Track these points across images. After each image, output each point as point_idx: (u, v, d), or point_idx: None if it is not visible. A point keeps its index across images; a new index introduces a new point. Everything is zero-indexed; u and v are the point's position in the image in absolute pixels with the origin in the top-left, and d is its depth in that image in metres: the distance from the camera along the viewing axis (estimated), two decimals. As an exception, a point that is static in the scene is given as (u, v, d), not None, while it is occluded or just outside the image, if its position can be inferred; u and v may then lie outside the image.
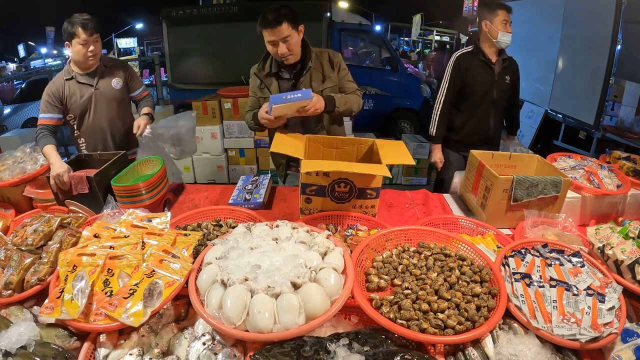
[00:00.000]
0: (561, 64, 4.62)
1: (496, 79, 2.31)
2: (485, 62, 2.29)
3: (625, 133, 3.76)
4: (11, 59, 16.55)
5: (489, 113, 2.36)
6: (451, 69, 2.33)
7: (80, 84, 2.11)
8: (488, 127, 2.39)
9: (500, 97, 2.34)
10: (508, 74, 2.34)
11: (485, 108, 2.35)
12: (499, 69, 2.31)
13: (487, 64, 2.29)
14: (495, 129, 2.41)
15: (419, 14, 12.70)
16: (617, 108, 3.99)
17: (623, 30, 3.60)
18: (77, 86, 2.11)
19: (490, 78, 2.30)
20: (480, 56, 2.29)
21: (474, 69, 2.29)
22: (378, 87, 6.14)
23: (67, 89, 2.09)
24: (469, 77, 2.30)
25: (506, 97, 2.38)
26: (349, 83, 1.98)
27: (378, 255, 1.25)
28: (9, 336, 0.97)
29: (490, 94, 2.32)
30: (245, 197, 1.79)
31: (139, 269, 1.10)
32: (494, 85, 2.31)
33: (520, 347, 0.96)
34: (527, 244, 1.30)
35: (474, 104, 2.35)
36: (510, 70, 2.36)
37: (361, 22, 6.27)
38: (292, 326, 0.93)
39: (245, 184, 1.92)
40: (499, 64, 2.31)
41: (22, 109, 7.67)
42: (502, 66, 2.31)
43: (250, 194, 1.82)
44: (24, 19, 17.43)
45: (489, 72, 2.30)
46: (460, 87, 2.33)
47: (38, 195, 1.78)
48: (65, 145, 5.97)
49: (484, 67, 2.30)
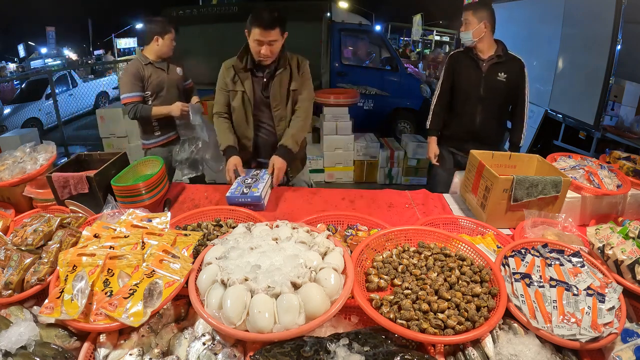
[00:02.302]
0: (561, 64, 4.62)
1: (484, 76, 2.31)
2: (474, 59, 2.33)
3: (625, 133, 3.76)
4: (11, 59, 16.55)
5: (476, 110, 2.38)
6: (444, 66, 2.45)
7: (156, 68, 2.62)
8: (474, 123, 2.40)
9: (489, 94, 2.34)
10: (503, 71, 2.31)
11: (472, 105, 2.38)
12: (489, 66, 2.31)
13: (475, 61, 2.32)
14: (484, 127, 2.41)
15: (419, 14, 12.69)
16: (617, 108, 3.98)
17: (623, 30, 3.60)
18: (154, 69, 2.61)
19: (477, 75, 2.33)
20: (470, 53, 2.33)
21: (462, 66, 2.37)
22: (378, 87, 6.13)
23: (146, 71, 2.58)
24: (456, 75, 2.39)
25: (499, 95, 2.35)
26: (306, 92, 2.06)
27: (378, 255, 1.25)
28: (9, 336, 0.97)
29: (477, 90, 2.34)
30: (243, 191, 1.78)
31: (139, 269, 1.10)
32: (481, 82, 2.32)
33: (520, 347, 0.96)
34: (527, 244, 1.30)
35: (460, 101, 2.42)
36: (508, 68, 2.32)
37: (361, 22, 6.27)
38: (292, 326, 0.93)
39: (246, 178, 1.91)
40: (490, 61, 2.31)
41: (22, 109, 7.70)
42: (493, 62, 2.30)
43: (248, 188, 1.81)
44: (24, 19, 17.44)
45: (476, 69, 2.33)
46: (451, 85, 2.43)
47: (38, 195, 1.77)
48: (65, 145, 5.99)
49: (472, 65, 2.34)
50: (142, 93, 2.58)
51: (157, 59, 2.63)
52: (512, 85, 2.34)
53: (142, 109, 2.53)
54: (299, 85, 2.03)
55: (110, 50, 17.14)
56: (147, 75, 2.57)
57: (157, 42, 2.59)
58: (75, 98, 8.60)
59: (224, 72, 2.04)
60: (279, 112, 2.05)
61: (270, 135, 2.12)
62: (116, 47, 17.30)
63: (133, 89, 2.53)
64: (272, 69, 1.98)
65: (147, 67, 2.58)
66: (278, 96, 2.01)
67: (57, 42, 17.35)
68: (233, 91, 2.04)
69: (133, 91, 2.53)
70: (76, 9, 17.64)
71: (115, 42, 17.49)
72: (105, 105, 9.43)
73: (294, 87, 2.02)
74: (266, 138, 2.13)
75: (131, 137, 4.73)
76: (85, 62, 15.22)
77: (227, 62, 2.04)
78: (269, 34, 1.80)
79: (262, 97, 2.04)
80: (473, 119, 2.40)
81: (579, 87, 4.26)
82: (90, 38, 18.68)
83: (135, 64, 2.58)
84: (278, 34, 1.83)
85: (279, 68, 1.97)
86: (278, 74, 1.98)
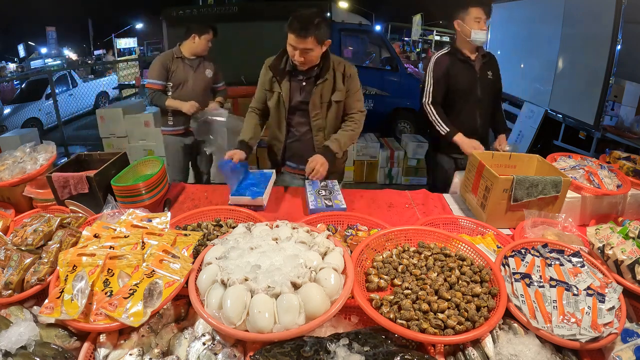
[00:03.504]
0: (561, 64, 4.62)
1: (478, 76, 2.25)
2: (465, 60, 2.23)
3: (625, 133, 3.76)
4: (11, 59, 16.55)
5: (475, 112, 2.29)
6: (432, 70, 2.25)
7: (185, 64, 2.84)
8: (476, 126, 2.31)
9: (484, 95, 2.28)
10: (490, 70, 2.28)
11: (471, 107, 2.28)
12: (480, 66, 2.25)
13: (467, 62, 2.23)
14: (484, 128, 2.36)
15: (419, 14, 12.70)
16: (617, 108, 3.99)
17: (623, 30, 3.60)
18: (182, 64, 2.83)
19: (472, 76, 2.24)
20: (459, 55, 2.23)
21: (454, 69, 2.23)
22: (378, 87, 6.13)
23: (174, 65, 2.80)
24: (450, 78, 2.24)
25: (491, 93, 2.31)
26: (356, 102, 1.97)
27: (378, 255, 1.25)
28: (9, 336, 0.97)
29: (474, 92, 2.26)
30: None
31: (139, 269, 1.10)
32: (477, 83, 2.25)
33: (520, 347, 0.96)
34: (527, 244, 1.30)
35: (459, 105, 2.28)
36: (492, 66, 2.29)
37: (361, 22, 6.26)
38: (292, 326, 0.93)
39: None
40: (478, 61, 2.25)
41: (22, 109, 7.70)
42: (482, 62, 2.25)
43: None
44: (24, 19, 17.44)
45: (470, 71, 2.24)
46: (446, 89, 2.26)
47: (38, 195, 1.77)
48: (65, 145, 5.99)
49: (465, 66, 2.23)
50: (165, 82, 2.81)
51: (191, 55, 2.84)
52: (496, 81, 2.32)
53: (158, 97, 2.79)
54: (343, 96, 1.92)
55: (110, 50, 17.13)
56: (173, 69, 2.80)
57: (193, 40, 2.80)
58: (75, 98, 8.60)
59: (265, 70, 1.95)
60: (318, 122, 1.95)
61: (304, 142, 2.02)
62: (116, 47, 17.30)
63: (157, 76, 2.78)
64: (313, 76, 1.88)
65: (175, 60, 2.81)
66: (318, 106, 1.92)
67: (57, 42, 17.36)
68: (270, 91, 1.95)
69: (156, 78, 2.78)
70: (76, 9, 17.65)
71: (115, 42, 17.49)
72: (105, 105, 9.42)
73: (337, 97, 1.91)
74: (299, 144, 2.03)
75: (131, 137, 4.73)
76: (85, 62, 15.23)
77: (268, 59, 1.95)
78: (301, 42, 1.70)
79: (299, 102, 1.94)
80: (474, 122, 2.30)
81: (579, 87, 4.26)
82: (90, 38, 18.69)
83: (167, 55, 2.84)
84: (313, 43, 1.71)
85: (321, 76, 1.86)
86: (320, 83, 1.87)
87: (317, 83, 1.87)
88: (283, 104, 1.94)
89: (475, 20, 2.14)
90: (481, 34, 2.15)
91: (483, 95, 2.29)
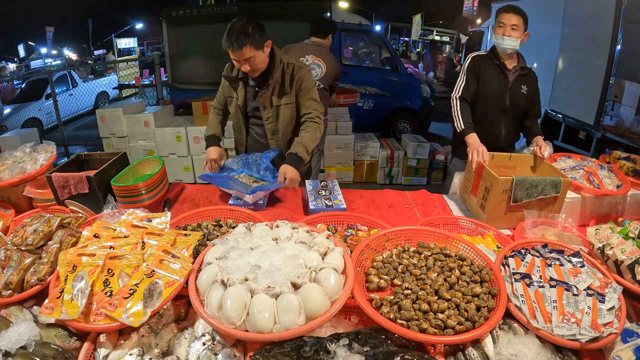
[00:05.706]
0: (561, 64, 4.63)
1: (510, 87, 2.17)
2: (500, 67, 2.17)
3: (625, 133, 3.76)
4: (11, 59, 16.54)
5: (500, 121, 2.22)
6: (467, 68, 2.20)
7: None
8: (499, 135, 2.22)
9: (513, 107, 2.20)
10: (525, 84, 2.20)
11: (496, 115, 2.21)
12: (514, 77, 2.18)
13: (502, 70, 2.17)
14: (507, 139, 2.26)
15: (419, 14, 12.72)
16: (617, 108, 3.99)
17: (623, 30, 3.61)
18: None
19: (503, 84, 2.17)
20: (495, 60, 2.17)
21: (488, 72, 2.18)
22: (378, 87, 6.13)
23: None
24: (482, 80, 2.17)
25: (520, 108, 2.22)
26: (309, 101, 1.93)
27: (378, 256, 1.25)
28: (9, 336, 0.97)
29: (503, 100, 2.18)
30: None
31: (139, 269, 1.10)
32: (507, 92, 2.17)
33: (520, 347, 0.96)
34: (527, 244, 1.30)
35: (485, 109, 2.21)
36: (528, 81, 2.21)
37: (361, 22, 6.27)
38: (292, 326, 0.93)
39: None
40: (515, 71, 2.18)
41: (22, 109, 7.70)
42: (518, 74, 2.18)
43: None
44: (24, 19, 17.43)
45: (502, 78, 2.17)
46: (475, 88, 2.19)
47: (38, 195, 1.77)
48: (65, 145, 5.99)
49: (498, 72, 2.17)
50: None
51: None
52: (530, 98, 2.23)
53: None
54: (292, 99, 1.93)
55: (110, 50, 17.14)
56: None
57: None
58: (75, 98, 8.60)
59: (223, 78, 2.03)
60: (269, 126, 2.00)
61: (263, 147, 2.07)
62: (116, 47, 17.29)
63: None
64: (261, 81, 1.90)
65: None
66: (268, 110, 1.96)
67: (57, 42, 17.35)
68: (229, 97, 2.04)
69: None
70: (76, 9, 17.65)
71: (115, 42, 17.48)
72: (105, 105, 9.43)
73: (286, 101, 1.93)
74: (258, 148, 2.09)
75: (131, 137, 4.73)
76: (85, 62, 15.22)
77: (227, 66, 2.00)
78: (238, 53, 1.72)
79: (253, 109, 2.01)
80: (498, 132, 2.23)
81: (578, 87, 4.27)
82: (90, 38, 18.68)
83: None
84: (251, 51, 1.71)
85: (268, 81, 1.88)
86: (268, 87, 1.90)
87: (264, 87, 1.91)
88: (240, 110, 2.03)
89: (498, 25, 2.12)
90: (500, 39, 2.09)
91: (511, 107, 2.19)
